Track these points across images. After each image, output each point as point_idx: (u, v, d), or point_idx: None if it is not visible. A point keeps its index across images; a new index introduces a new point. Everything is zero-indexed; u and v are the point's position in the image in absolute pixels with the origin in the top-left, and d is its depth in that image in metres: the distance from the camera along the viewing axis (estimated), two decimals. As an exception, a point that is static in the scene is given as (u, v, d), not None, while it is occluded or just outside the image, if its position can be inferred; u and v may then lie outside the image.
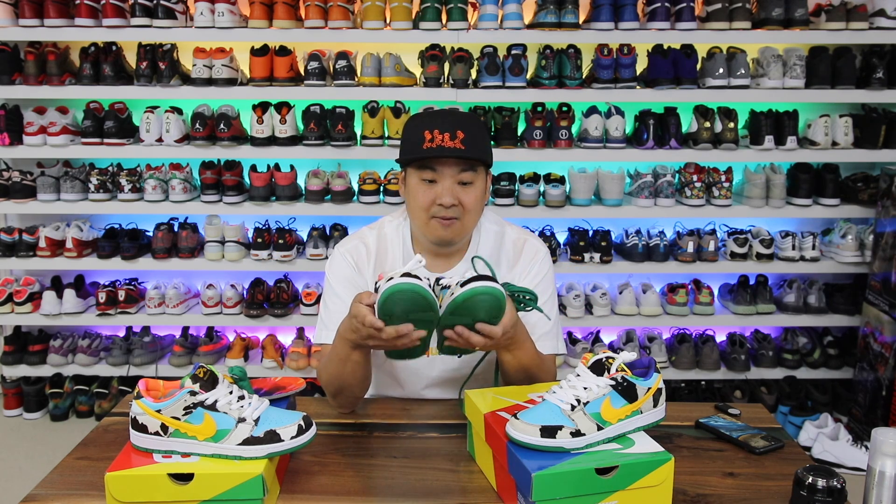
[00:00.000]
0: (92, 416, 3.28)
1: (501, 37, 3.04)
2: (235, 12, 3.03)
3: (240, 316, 3.23)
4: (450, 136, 1.55)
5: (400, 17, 2.99)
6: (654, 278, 3.34)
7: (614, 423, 1.23)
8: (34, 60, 3.09)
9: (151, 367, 3.24)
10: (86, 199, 3.17)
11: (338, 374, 1.51)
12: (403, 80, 3.08)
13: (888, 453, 1.21)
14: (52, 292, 3.19)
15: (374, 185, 3.10)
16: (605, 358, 1.27)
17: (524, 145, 3.12)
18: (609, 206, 3.13)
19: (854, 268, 3.17)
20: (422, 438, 1.49)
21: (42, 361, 3.28)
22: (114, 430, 1.51)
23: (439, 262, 1.71)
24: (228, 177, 3.13)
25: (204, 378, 1.23)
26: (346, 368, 1.49)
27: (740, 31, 3.04)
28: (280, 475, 1.30)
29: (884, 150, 3.12)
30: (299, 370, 3.18)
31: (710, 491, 1.31)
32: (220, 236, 3.17)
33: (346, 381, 1.52)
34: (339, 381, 1.53)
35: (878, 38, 3.05)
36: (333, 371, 1.52)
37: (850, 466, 2.78)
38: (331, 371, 1.52)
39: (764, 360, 3.24)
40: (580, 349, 3.20)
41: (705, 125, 3.06)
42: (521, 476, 1.17)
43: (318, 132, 3.07)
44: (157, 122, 3.12)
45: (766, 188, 3.13)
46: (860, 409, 3.11)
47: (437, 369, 1.71)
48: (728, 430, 1.50)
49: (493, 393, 1.41)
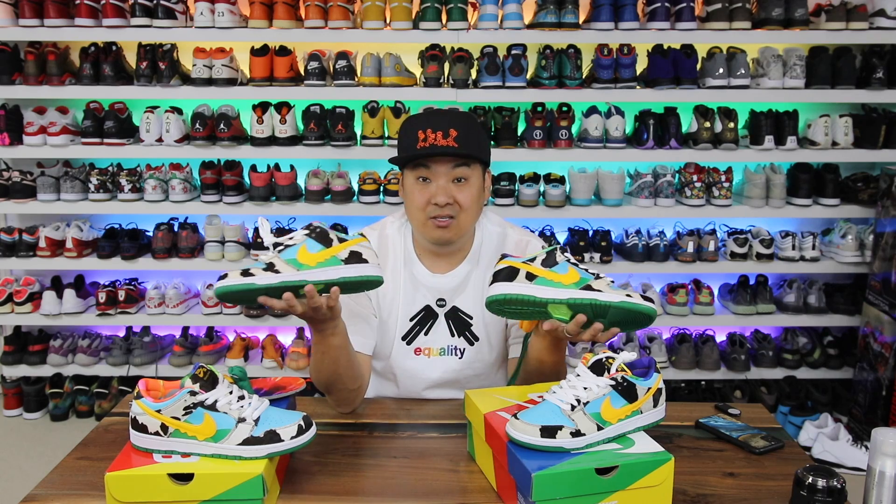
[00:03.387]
0: (92, 416, 3.28)
1: (501, 37, 3.05)
2: (235, 12, 3.03)
3: (240, 316, 3.23)
4: (442, 134, 1.56)
5: (400, 17, 2.99)
6: (654, 278, 3.34)
7: (614, 423, 1.23)
8: (34, 60, 3.09)
9: (151, 367, 3.24)
10: (86, 199, 3.17)
11: (324, 368, 1.50)
12: (403, 80, 3.08)
13: (888, 453, 1.21)
14: (52, 292, 3.19)
15: (374, 185, 3.10)
16: (605, 358, 1.27)
17: (524, 145, 3.12)
18: (609, 206, 3.13)
19: (854, 268, 3.17)
20: (422, 438, 1.49)
21: (42, 361, 3.28)
22: (114, 430, 1.51)
23: (441, 263, 1.72)
24: (228, 177, 3.13)
25: (204, 378, 1.23)
26: (327, 358, 1.48)
27: (740, 31, 3.04)
28: (280, 475, 1.30)
29: (884, 150, 3.12)
30: (299, 370, 3.18)
31: (710, 491, 1.31)
32: (220, 236, 3.17)
33: (333, 372, 1.51)
34: (326, 375, 1.52)
35: (878, 38, 3.05)
36: (320, 367, 1.51)
37: (850, 466, 2.78)
38: (319, 369, 1.52)
39: (764, 360, 3.24)
40: (580, 349, 3.20)
41: (705, 125, 3.06)
42: (521, 476, 1.17)
43: (318, 132, 3.07)
44: (157, 122, 3.12)
45: (766, 188, 3.13)
46: (860, 409, 3.11)
47: (438, 371, 1.71)
48: (728, 430, 1.50)
49: (493, 393, 1.41)
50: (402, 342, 1.71)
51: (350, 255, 1.34)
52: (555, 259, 1.38)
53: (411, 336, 1.71)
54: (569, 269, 1.37)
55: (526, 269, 1.37)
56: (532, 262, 1.38)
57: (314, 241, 1.32)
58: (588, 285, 1.36)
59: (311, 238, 1.33)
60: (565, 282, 1.36)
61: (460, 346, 1.72)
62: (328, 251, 1.32)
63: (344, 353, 1.50)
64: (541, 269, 1.37)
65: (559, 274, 1.37)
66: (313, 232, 1.33)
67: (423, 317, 1.71)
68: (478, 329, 1.71)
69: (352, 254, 1.34)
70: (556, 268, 1.37)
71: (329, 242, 1.33)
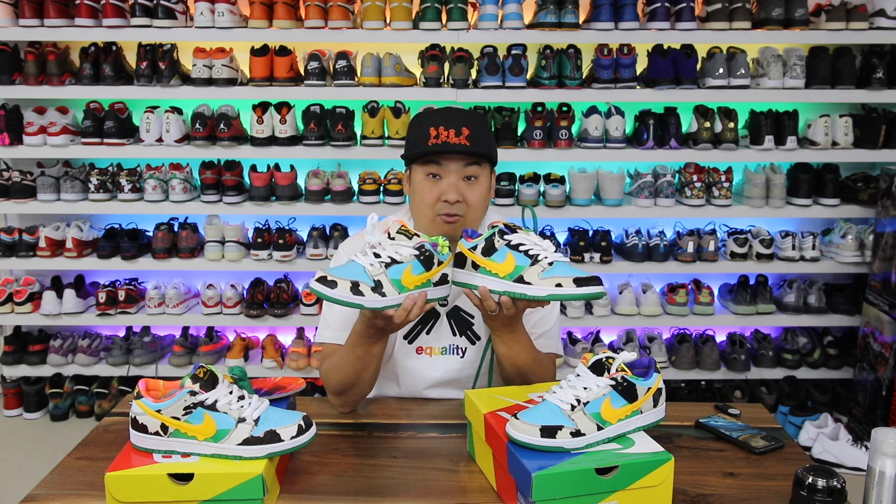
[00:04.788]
0: (92, 416, 3.28)
1: (501, 37, 3.05)
2: (235, 12, 3.03)
3: (240, 316, 3.23)
4: (455, 132, 1.57)
5: (400, 17, 2.99)
6: (654, 278, 3.34)
7: (614, 423, 1.23)
8: (34, 60, 3.09)
9: (151, 367, 3.24)
10: (86, 199, 3.17)
11: (353, 372, 1.52)
12: (403, 80, 3.08)
13: (888, 453, 1.21)
14: (52, 292, 3.19)
15: (374, 185, 3.10)
16: (605, 358, 1.27)
17: (524, 145, 3.12)
18: (609, 206, 3.13)
19: (854, 268, 3.17)
20: (422, 438, 1.49)
21: (42, 361, 3.28)
22: (114, 430, 1.51)
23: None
24: (228, 177, 3.13)
25: (204, 378, 1.23)
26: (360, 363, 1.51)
27: (740, 31, 3.04)
28: (280, 475, 1.30)
29: (884, 150, 3.12)
30: (299, 370, 3.18)
31: (710, 491, 1.31)
32: (220, 236, 3.17)
33: (358, 377, 1.53)
34: (350, 378, 1.53)
35: (878, 38, 3.05)
36: (347, 369, 1.52)
37: (850, 466, 2.78)
38: (345, 372, 1.53)
39: (764, 360, 3.24)
40: (580, 349, 3.20)
41: (705, 125, 3.06)
42: (521, 476, 1.17)
43: (318, 132, 3.07)
44: (157, 122, 3.12)
45: (766, 188, 3.13)
46: (860, 409, 3.11)
47: (440, 370, 1.71)
48: (728, 430, 1.50)
49: (493, 393, 1.41)
50: (403, 341, 1.71)
51: (441, 278, 1.40)
52: (493, 246, 1.39)
53: (413, 335, 1.71)
54: (506, 257, 1.38)
55: (471, 258, 1.41)
56: (474, 250, 1.41)
57: (420, 264, 1.36)
58: (520, 277, 1.37)
59: (418, 260, 1.35)
60: (500, 272, 1.38)
61: (462, 346, 1.72)
62: (427, 275, 1.37)
63: (378, 360, 1.53)
64: (480, 257, 1.40)
65: (496, 263, 1.39)
66: (423, 255, 1.36)
67: (425, 316, 1.71)
68: (479, 328, 1.72)
69: (442, 276, 1.40)
70: (495, 255, 1.39)
71: (431, 266, 1.37)
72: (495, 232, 1.39)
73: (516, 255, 1.38)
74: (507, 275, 1.38)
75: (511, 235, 1.39)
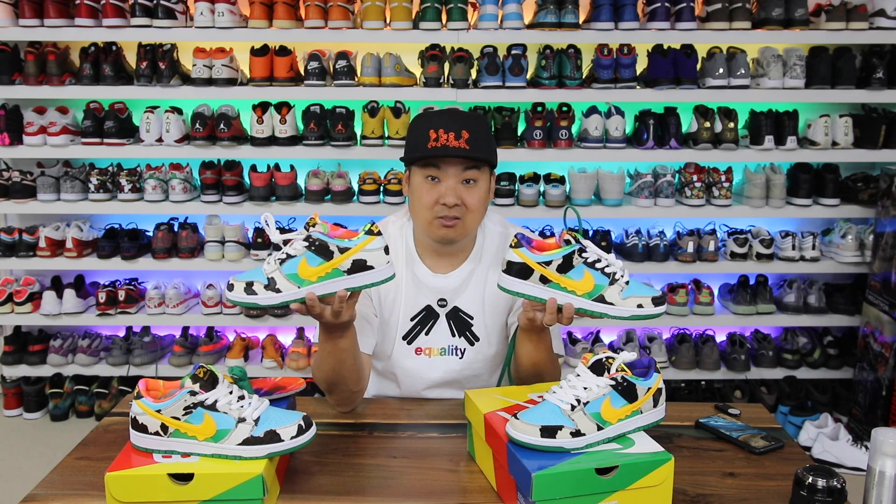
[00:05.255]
0: (92, 416, 3.28)
1: (501, 37, 3.04)
2: (235, 12, 3.03)
3: (240, 316, 3.23)
4: (454, 135, 1.56)
5: (400, 17, 2.99)
6: (654, 278, 3.34)
7: (614, 423, 1.23)
8: (34, 60, 3.09)
9: (151, 367, 3.24)
10: (86, 199, 3.17)
11: (329, 368, 1.51)
12: (403, 80, 3.08)
13: (888, 453, 1.21)
14: (52, 292, 3.19)
15: (374, 185, 3.10)
16: (605, 358, 1.27)
17: (524, 145, 3.12)
18: (609, 206, 3.13)
19: (854, 268, 3.17)
20: (422, 438, 1.49)
21: (42, 361, 3.28)
22: (114, 430, 1.51)
23: (443, 262, 1.72)
24: (228, 177, 3.13)
25: (204, 378, 1.23)
26: (332, 359, 1.49)
27: (740, 31, 3.04)
28: (280, 475, 1.30)
29: (884, 150, 3.12)
30: (299, 370, 3.18)
31: (710, 491, 1.31)
32: (220, 236, 3.16)
33: (338, 373, 1.51)
34: (332, 376, 1.52)
35: (878, 38, 3.05)
36: (324, 367, 1.52)
37: (850, 466, 2.78)
38: (323, 368, 1.52)
39: (764, 360, 3.24)
40: (580, 349, 3.20)
41: (705, 125, 3.06)
42: (521, 476, 1.17)
43: (318, 132, 3.07)
44: (157, 122, 3.12)
45: (766, 188, 3.13)
46: (860, 409, 3.11)
47: (439, 370, 1.71)
48: (728, 430, 1.50)
49: (493, 393, 1.41)
50: (402, 342, 1.71)
51: (353, 264, 1.31)
52: (571, 264, 1.35)
53: (412, 336, 1.71)
54: (584, 275, 1.35)
55: (540, 272, 1.36)
56: (548, 265, 1.35)
57: (314, 254, 1.30)
58: (601, 296, 1.35)
59: (310, 251, 1.30)
60: (578, 291, 1.35)
61: (461, 347, 1.72)
62: (329, 264, 1.30)
63: (350, 355, 1.51)
64: (556, 274, 1.35)
65: (573, 281, 1.35)
66: (312, 245, 1.30)
67: (424, 317, 1.71)
68: (478, 329, 1.72)
69: (354, 263, 1.31)
70: (572, 273, 1.35)
71: (329, 255, 1.30)
72: (575, 250, 1.36)
73: (594, 274, 1.36)
74: (586, 293, 1.35)
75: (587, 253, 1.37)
